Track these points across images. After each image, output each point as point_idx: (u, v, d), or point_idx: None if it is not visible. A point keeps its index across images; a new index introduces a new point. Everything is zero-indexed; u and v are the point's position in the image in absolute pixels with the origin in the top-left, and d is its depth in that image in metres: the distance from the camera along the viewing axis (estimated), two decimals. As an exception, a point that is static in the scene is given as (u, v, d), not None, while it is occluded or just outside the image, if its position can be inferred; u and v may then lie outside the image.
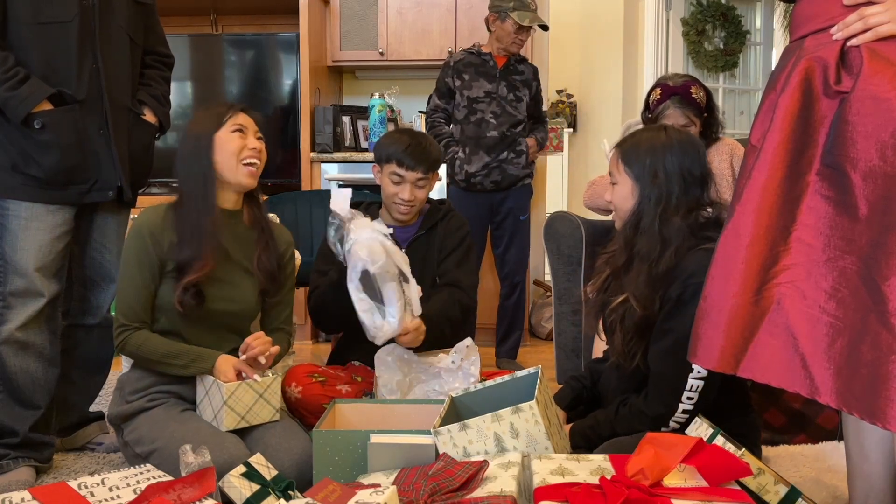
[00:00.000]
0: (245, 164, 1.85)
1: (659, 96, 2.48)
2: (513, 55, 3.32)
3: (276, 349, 1.82)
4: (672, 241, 1.64)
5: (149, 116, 2.15)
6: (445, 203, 2.35)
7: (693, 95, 2.44)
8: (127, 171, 2.06)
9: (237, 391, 1.76)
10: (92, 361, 2.21)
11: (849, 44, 1.27)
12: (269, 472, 1.51)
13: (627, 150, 1.72)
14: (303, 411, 2.03)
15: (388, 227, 2.08)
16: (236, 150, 1.84)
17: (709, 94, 2.51)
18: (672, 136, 1.71)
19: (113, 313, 2.14)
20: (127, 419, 1.85)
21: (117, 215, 2.15)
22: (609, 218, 2.64)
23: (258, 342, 1.79)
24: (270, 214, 2.30)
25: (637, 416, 1.67)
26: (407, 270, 1.93)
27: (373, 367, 2.03)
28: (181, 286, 1.79)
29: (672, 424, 1.64)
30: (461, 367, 1.93)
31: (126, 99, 2.08)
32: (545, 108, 3.59)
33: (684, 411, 1.62)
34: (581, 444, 1.73)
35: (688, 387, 1.60)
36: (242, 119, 1.87)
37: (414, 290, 1.94)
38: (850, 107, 1.22)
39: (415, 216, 2.27)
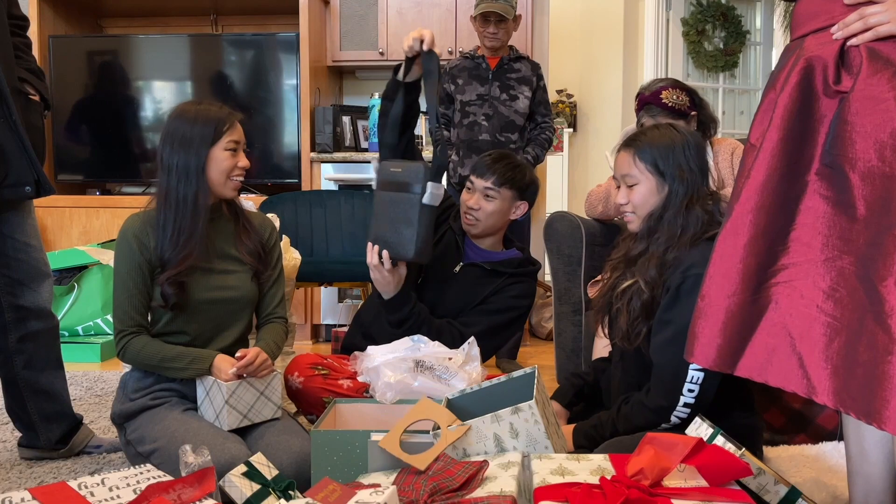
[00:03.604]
0: (232, 180, 1.87)
1: (636, 106, 2.52)
2: (493, 51, 3.31)
3: (268, 361, 1.82)
4: (689, 229, 1.68)
5: (34, 94, 1.98)
6: (536, 266, 2.25)
7: (664, 101, 2.43)
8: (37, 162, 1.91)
9: (238, 390, 1.76)
10: (53, 362, 2.11)
11: (849, 43, 1.27)
12: (269, 471, 1.51)
13: (645, 149, 1.72)
14: (302, 402, 2.03)
15: (467, 238, 2.22)
16: (227, 169, 1.85)
17: (691, 94, 2.50)
18: (683, 131, 1.76)
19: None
20: (129, 418, 1.86)
21: (29, 208, 2.02)
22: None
23: (255, 362, 1.78)
24: (270, 214, 2.30)
25: (638, 410, 1.67)
26: None
27: None
28: (162, 280, 1.81)
29: (673, 419, 1.64)
30: (461, 369, 1.93)
31: (14, 79, 1.90)
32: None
33: (685, 405, 1.62)
34: (585, 444, 1.73)
35: (688, 378, 1.61)
36: (237, 134, 1.87)
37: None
38: (849, 107, 1.22)
39: (487, 236, 2.21)
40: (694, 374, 1.61)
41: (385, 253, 1.98)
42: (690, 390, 1.61)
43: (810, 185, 1.27)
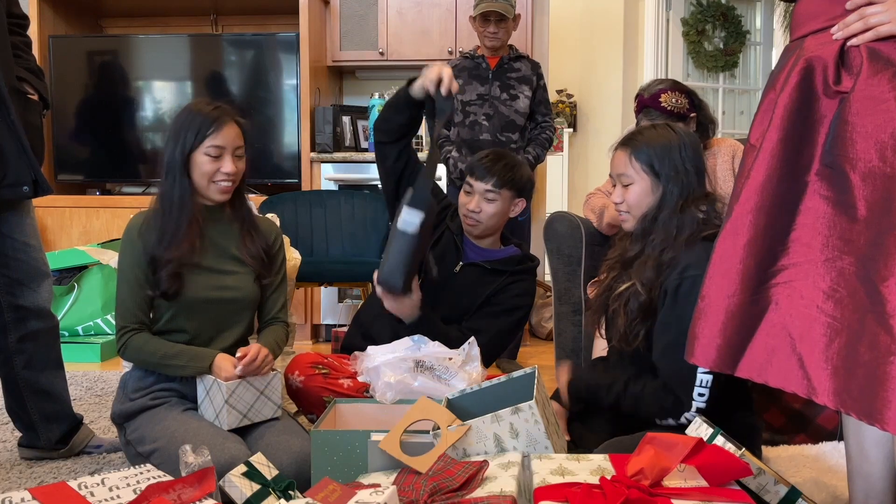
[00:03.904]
0: (217, 183, 1.85)
1: (636, 108, 2.53)
2: (493, 50, 3.30)
3: (270, 357, 1.83)
4: (685, 230, 1.67)
5: (33, 93, 1.97)
6: (535, 262, 2.27)
7: (663, 104, 2.43)
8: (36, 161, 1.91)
9: (238, 389, 1.76)
10: (53, 362, 2.11)
11: (849, 43, 1.27)
12: (269, 471, 1.51)
13: (641, 149, 1.72)
14: (303, 401, 2.03)
15: (466, 238, 2.20)
16: (208, 174, 1.84)
17: (691, 96, 2.50)
18: (679, 132, 1.75)
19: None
20: (129, 418, 1.86)
21: (28, 208, 2.01)
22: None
23: (257, 359, 1.79)
24: (269, 214, 2.29)
25: (652, 398, 1.64)
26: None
27: None
28: (159, 270, 1.81)
29: (682, 420, 1.63)
30: (461, 369, 1.93)
31: (12, 79, 1.90)
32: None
33: (697, 409, 1.61)
34: (574, 397, 1.71)
35: (698, 382, 1.59)
36: (222, 138, 1.83)
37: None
38: (850, 107, 1.22)
39: (487, 236, 2.22)
40: (703, 378, 1.59)
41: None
42: (701, 394, 1.60)
43: (810, 186, 1.27)
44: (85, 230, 3.99)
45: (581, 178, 5.73)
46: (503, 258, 2.22)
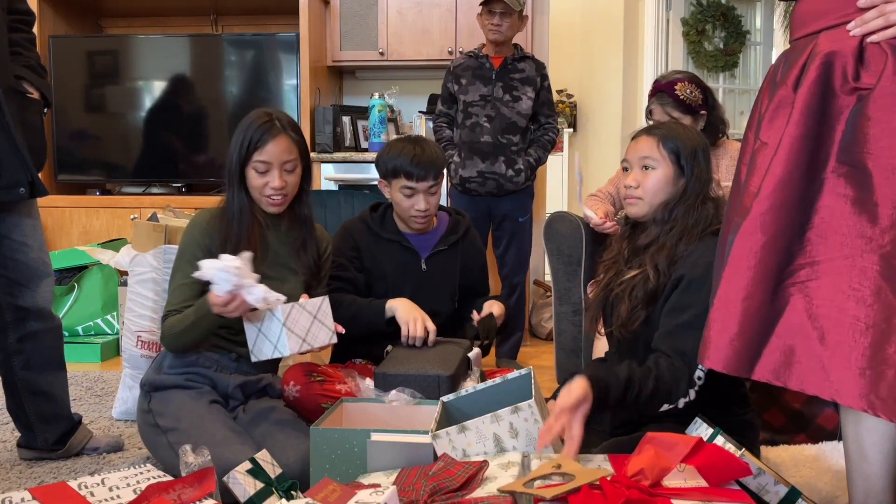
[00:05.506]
0: (268, 198, 1.90)
1: (650, 92, 2.55)
2: (496, 46, 3.26)
3: None
4: (700, 223, 1.71)
5: (32, 92, 1.95)
6: (463, 217, 2.38)
7: (677, 93, 2.44)
8: (32, 162, 1.90)
9: (293, 312, 1.73)
10: (53, 363, 2.10)
11: (868, 40, 1.25)
12: (273, 470, 1.51)
13: (670, 137, 1.76)
14: (301, 410, 2.03)
15: (407, 235, 2.25)
16: (258, 188, 1.89)
17: (706, 93, 2.50)
18: (702, 136, 1.82)
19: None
20: (159, 389, 1.89)
21: (27, 208, 1.99)
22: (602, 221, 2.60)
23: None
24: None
25: (669, 372, 1.56)
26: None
27: (375, 363, 2.08)
28: None
29: (680, 403, 1.58)
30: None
31: (9, 78, 1.88)
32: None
33: (694, 392, 1.58)
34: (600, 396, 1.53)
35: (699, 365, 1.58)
36: (268, 153, 1.86)
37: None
38: (874, 103, 1.20)
39: (431, 223, 2.32)
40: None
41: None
42: (699, 377, 1.58)
43: (826, 184, 1.25)
44: (85, 230, 3.99)
45: (581, 177, 5.73)
46: (447, 230, 2.33)
